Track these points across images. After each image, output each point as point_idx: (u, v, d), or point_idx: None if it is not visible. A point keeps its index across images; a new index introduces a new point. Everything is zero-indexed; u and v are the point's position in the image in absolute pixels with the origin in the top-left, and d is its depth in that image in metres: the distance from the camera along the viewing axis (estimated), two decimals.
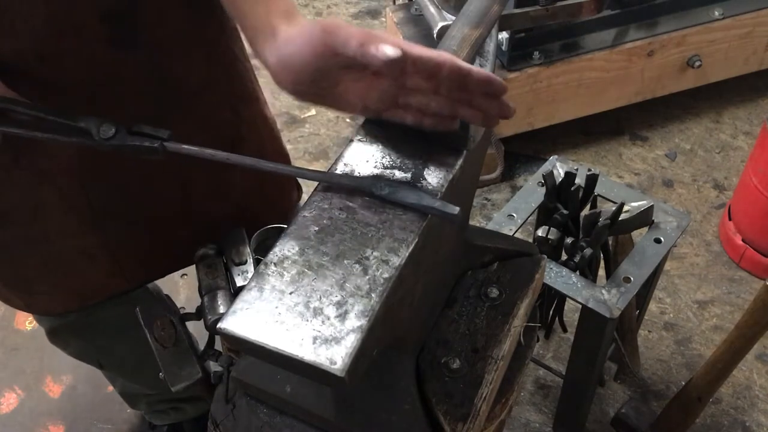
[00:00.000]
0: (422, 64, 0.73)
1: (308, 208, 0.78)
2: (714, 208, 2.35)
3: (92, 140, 0.83)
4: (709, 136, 2.58)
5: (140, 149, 0.83)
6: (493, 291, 1.06)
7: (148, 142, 0.83)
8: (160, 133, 0.84)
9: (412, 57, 0.73)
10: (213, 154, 0.83)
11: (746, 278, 2.14)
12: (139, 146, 0.83)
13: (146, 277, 1.26)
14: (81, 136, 0.84)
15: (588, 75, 2.31)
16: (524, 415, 1.88)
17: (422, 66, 0.74)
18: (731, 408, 1.87)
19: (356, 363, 0.67)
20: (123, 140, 0.83)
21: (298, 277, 0.72)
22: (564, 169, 1.54)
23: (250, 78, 1.18)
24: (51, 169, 1.02)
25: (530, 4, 1.96)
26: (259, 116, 1.22)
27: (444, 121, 0.80)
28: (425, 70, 0.74)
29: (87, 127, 0.83)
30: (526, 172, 2.48)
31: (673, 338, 2.02)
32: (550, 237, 1.46)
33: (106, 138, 0.83)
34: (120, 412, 1.94)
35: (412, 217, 0.77)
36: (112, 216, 1.11)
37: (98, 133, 0.83)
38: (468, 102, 0.77)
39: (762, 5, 2.38)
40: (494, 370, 0.98)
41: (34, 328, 2.13)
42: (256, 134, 1.20)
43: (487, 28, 0.94)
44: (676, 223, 1.52)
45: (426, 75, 0.75)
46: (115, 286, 1.22)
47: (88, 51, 0.92)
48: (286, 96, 0.85)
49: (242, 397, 1.00)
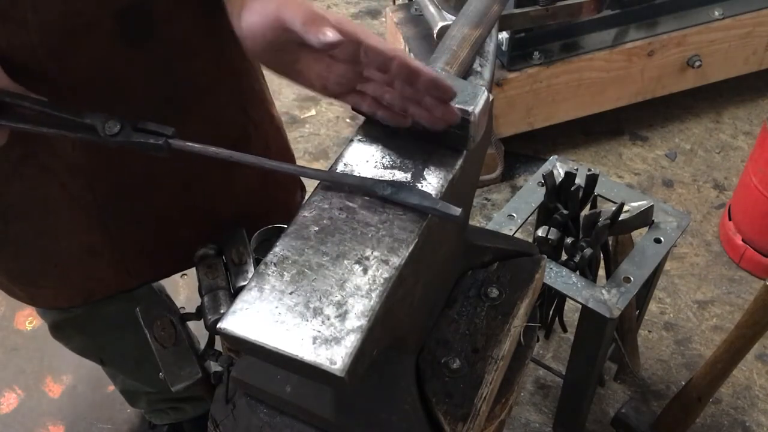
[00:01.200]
0: (374, 55, 0.76)
1: (308, 208, 0.78)
2: (714, 208, 2.35)
3: (98, 136, 0.84)
4: (709, 136, 2.58)
5: (145, 146, 0.84)
6: (493, 291, 1.06)
7: (153, 139, 0.83)
8: (165, 131, 0.84)
9: (365, 45, 0.76)
10: (217, 152, 0.83)
11: (746, 278, 2.14)
12: (144, 143, 0.83)
13: (151, 276, 1.27)
14: (87, 132, 0.84)
15: (588, 75, 2.31)
16: (524, 415, 1.88)
17: (374, 57, 0.76)
18: (731, 408, 1.87)
19: (356, 363, 0.67)
20: (128, 137, 0.83)
21: (298, 277, 0.72)
22: (564, 169, 1.54)
23: (257, 78, 1.18)
24: (57, 165, 1.02)
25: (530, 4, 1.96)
26: (266, 116, 1.22)
27: (396, 117, 0.82)
28: (377, 62, 0.77)
29: (93, 123, 0.84)
30: (526, 172, 2.48)
31: (673, 338, 2.02)
32: (550, 237, 1.46)
33: (111, 134, 0.83)
34: (120, 412, 1.94)
35: (412, 217, 0.77)
36: (117, 214, 1.11)
37: (104, 130, 0.83)
38: (417, 101, 0.79)
39: (762, 5, 2.38)
40: (494, 370, 0.98)
41: (34, 327, 2.13)
42: (262, 134, 1.21)
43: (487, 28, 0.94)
44: (676, 223, 1.52)
45: (378, 66, 0.77)
46: (119, 284, 1.22)
47: (99, 48, 0.92)
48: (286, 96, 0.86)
49: (242, 397, 1.00)
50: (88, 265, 1.17)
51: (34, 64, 0.90)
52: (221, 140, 0.89)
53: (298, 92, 2.76)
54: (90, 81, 0.94)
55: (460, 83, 0.83)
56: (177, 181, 1.11)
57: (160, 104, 1.01)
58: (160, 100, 1.01)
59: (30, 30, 0.87)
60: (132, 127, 0.84)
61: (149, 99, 1.00)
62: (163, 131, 0.84)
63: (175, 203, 1.15)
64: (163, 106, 1.01)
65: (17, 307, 2.19)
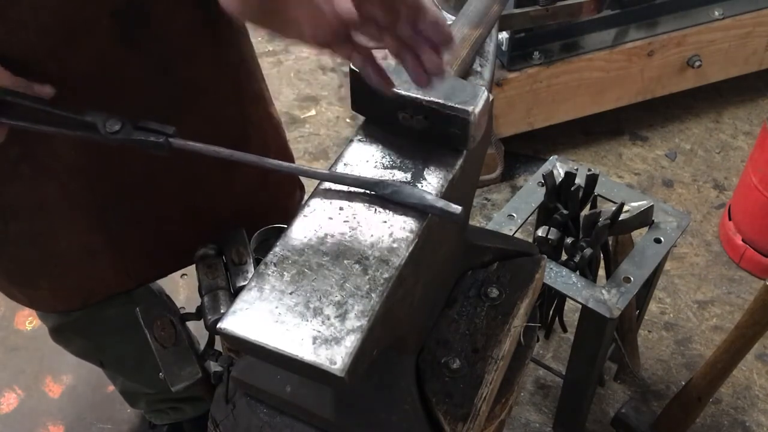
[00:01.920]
0: None
1: (308, 208, 0.78)
2: (714, 208, 2.35)
3: (98, 134, 0.84)
4: (709, 136, 2.58)
5: (146, 144, 0.84)
6: (493, 291, 1.06)
7: (153, 138, 0.83)
8: (165, 129, 0.84)
9: None
10: (217, 151, 0.84)
11: (746, 278, 2.14)
12: (144, 141, 0.84)
13: (150, 276, 1.27)
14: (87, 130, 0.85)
15: (588, 75, 2.31)
16: (524, 415, 1.88)
17: None
18: (731, 408, 1.87)
19: (356, 363, 0.67)
20: (128, 135, 0.84)
21: (298, 277, 0.72)
22: (564, 169, 1.54)
23: (257, 77, 1.18)
24: (57, 166, 1.02)
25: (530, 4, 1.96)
26: (265, 116, 1.22)
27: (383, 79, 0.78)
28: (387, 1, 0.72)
29: (93, 122, 0.84)
30: (526, 172, 2.48)
31: (673, 338, 2.02)
32: (550, 237, 1.46)
33: (111, 132, 0.84)
34: (120, 412, 1.94)
35: (412, 217, 0.77)
36: (117, 214, 1.11)
37: (104, 127, 0.84)
38: (414, 46, 0.76)
39: (762, 5, 2.38)
40: (494, 370, 0.98)
41: (34, 327, 2.13)
42: (261, 133, 1.21)
43: (487, 28, 0.94)
44: (676, 223, 1.52)
45: (386, 6, 0.73)
46: (118, 285, 1.22)
47: (98, 48, 0.92)
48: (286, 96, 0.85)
49: (242, 397, 1.00)
50: (87, 265, 1.16)
51: (34, 64, 0.90)
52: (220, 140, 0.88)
53: (298, 92, 2.76)
54: (90, 80, 0.94)
55: (460, 83, 0.83)
56: (177, 181, 1.11)
57: (159, 103, 1.01)
58: (159, 100, 1.01)
59: (29, 30, 0.87)
60: (133, 126, 0.84)
61: (148, 98, 1.00)
62: (163, 130, 0.84)
63: (175, 203, 1.15)
64: (162, 105, 1.01)
65: (17, 308, 2.19)
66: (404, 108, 0.82)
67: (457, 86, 0.81)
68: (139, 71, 0.98)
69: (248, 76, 1.15)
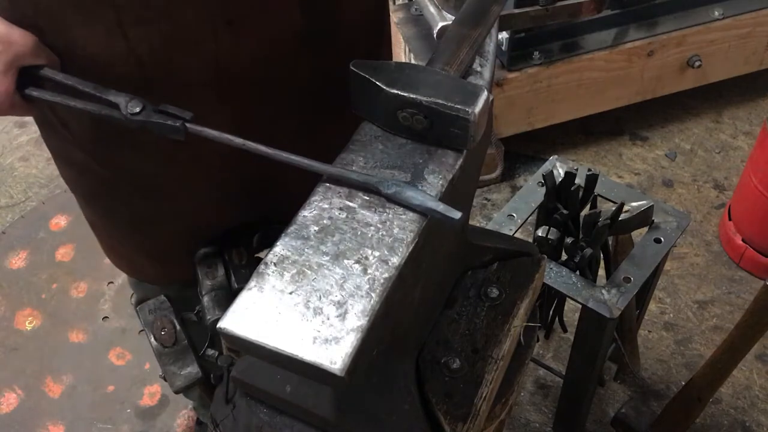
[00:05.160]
0: None
1: (308, 208, 0.78)
2: (714, 208, 2.35)
3: (120, 114, 0.86)
4: (709, 136, 2.58)
5: (163, 127, 0.85)
6: (493, 291, 1.06)
7: (170, 121, 0.84)
8: (183, 114, 0.85)
9: None
10: (230, 139, 0.84)
11: (746, 278, 2.14)
12: (162, 124, 0.85)
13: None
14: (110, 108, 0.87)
15: (588, 75, 2.31)
16: (524, 415, 1.88)
17: None
18: (731, 408, 1.87)
19: (356, 363, 0.67)
20: (148, 117, 0.85)
21: (298, 276, 0.72)
22: (564, 169, 1.54)
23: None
24: (211, 155, 1.05)
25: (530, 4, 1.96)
26: None
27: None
28: None
29: (116, 101, 0.86)
30: (526, 172, 2.48)
31: (673, 338, 2.02)
32: (550, 237, 1.46)
33: (132, 113, 0.85)
34: (120, 412, 1.95)
35: (412, 217, 0.77)
36: (249, 201, 1.18)
37: (126, 108, 0.85)
38: None
39: (762, 5, 2.38)
40: (494, 370, 0.98)
41: (34, 327, 2.13)
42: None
43: (486, 28, 0.94)
44: (676, 223, 1.52)
45: None
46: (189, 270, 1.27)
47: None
48: None
49: (242, 397, 1.00)
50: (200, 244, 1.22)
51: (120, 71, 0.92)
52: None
53: None
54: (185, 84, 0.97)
55: (460, 83, 0.83)
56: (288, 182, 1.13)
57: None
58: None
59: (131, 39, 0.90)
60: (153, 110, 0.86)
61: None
62: (181, 115, 0.85)
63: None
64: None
65: (17, 307, 2.19)
66: (404, 108, 0.82)
67: (457, 86, 0.81)
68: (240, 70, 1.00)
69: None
